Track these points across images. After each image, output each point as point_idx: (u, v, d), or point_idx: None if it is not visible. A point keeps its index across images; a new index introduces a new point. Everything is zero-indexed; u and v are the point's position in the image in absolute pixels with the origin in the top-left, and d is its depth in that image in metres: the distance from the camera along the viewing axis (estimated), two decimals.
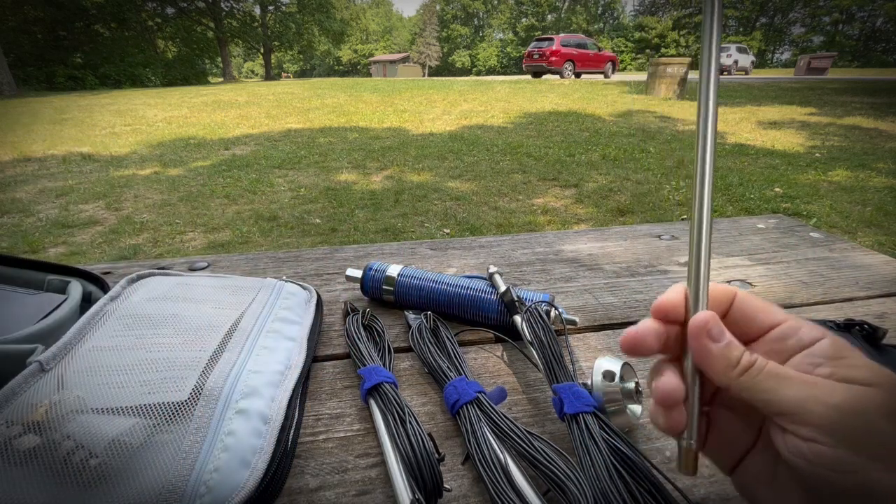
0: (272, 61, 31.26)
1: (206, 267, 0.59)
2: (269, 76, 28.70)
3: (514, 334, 0.42)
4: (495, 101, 8.11)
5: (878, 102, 7.34)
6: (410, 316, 0.45)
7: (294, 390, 0.33)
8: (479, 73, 50.72)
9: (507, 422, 0.30)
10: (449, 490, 0.28)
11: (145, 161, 4.19)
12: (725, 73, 21.26)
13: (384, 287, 0.48)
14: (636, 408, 0.33)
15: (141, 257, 2.30)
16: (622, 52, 46.08)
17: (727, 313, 0.22)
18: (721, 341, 0.20)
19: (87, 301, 0.43)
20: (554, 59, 15.40)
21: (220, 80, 23.48)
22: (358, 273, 0.49)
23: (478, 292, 0.45)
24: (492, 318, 0.45)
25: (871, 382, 0.18)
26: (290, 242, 2.45)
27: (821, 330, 0.20)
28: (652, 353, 0.22)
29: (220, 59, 24.39)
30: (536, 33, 44.75)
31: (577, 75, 16.40)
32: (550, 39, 15.87)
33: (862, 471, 0.17)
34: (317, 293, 0.47)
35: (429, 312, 0.43)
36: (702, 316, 0.21)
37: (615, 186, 3.26)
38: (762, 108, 6.84)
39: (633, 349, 0.22)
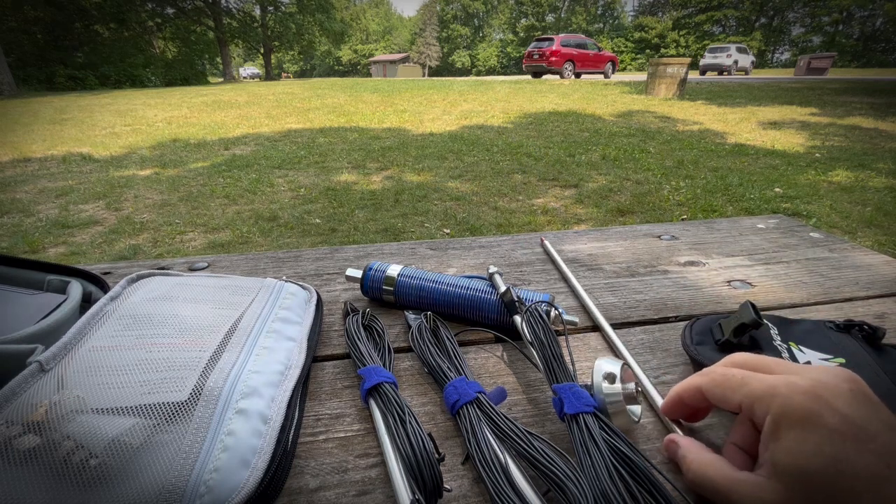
0: (272, 61, 31.25)
1: (206, 267, 0.59)
2: (269, 76, 28.70)
3: (514, 334, 0.42)
4: (495, 101, 8.12)
5: (878, 102, 7.34)
6: (410, 316, 0.45)
7: (294, 390, 0.33)
8: (479, 73, 50.70)
9: (507, 422, 0.30)
10: (449, 490, 0.28)
11: (145, 161, 4.20)
12: (725, 73, 21.27)
13: (384, 287, 0.48)
14: (636, 408, 0.33)
15: (141, 257, 2.30)
16: (622, 52, 46.07)
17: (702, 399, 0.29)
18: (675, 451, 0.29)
19: (87, 301, 0.43)
20: (554, 59, 15.40)
21: (220, 80, 23.48)
22: (358, 273, 0.49)
23: (478, 292, 0.45)
24: (492, 318, 0.45)
25: (778, 473, 0.22)
26: (290, 242, 2.45)
27: (764, 408, 0.24)
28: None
29: (220, 59, 24.39)
30: (536, 33, 44.73)
31: (577, 75, 16.40)
32: (550, 39, 15.87)
33: None
34: (317, 293, 0.47)
35: (429, 312, 0.43)
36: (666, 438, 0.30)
37: (615, 186, 3.26)
38: (762, 108, 6.84)
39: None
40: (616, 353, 0.41)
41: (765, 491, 0.22)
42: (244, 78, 44.55)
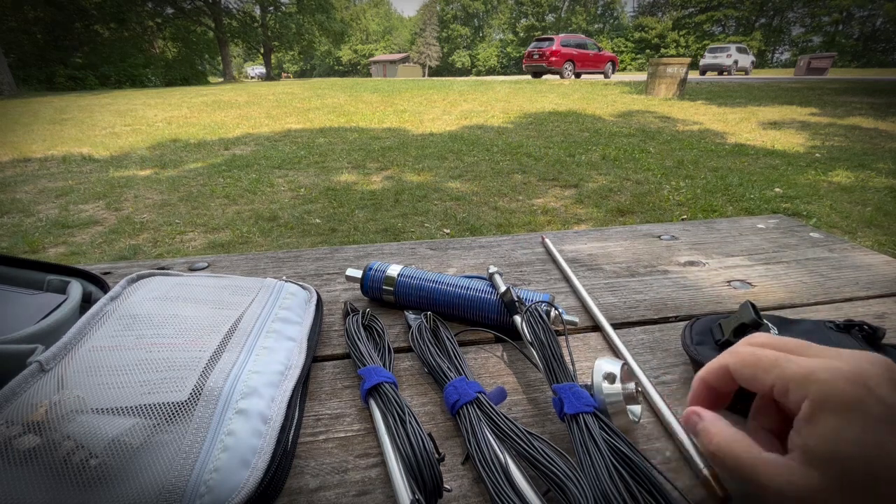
0: (272, 61, 31.28)
1: (206, 267, 0.59)
2: (269, 76, 28.71)
3: (514, 334, 0.42)
4: (495, 101, 8.12)
5: (878, 102, 7.34)
6: (410, 316, 0.45)
7: (294, 390, 0.33)
8: (479, 73, 50.71)
9: (507, 422, 0.30)
10: (449, 490, 0.28)
11: (145, 161, 4.20)
12: (725, 73, 21.27)
13: (384, 287, 0.48)
14: (636, 408, 0.33)
15: (141, 257, 2.30)
16: (622, 52, 46.07)
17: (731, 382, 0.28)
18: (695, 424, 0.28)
19: (87, 301, 0.43)
20: (554, 59, 15.40)
21: (221, 80, 23.49)
22: (358, 273, 0.49)
23: (478, 292, 0.45)
24: (492, 318, 0.45)
25: (813, 459, 0.22)
26: (290, 242, 2.45)
27: (801, 392, 0.23)
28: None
29: (220, 58, 24.39)
30: (536, 33, 44.73)
31: (577, 75, 16.40)
32: (550, 39, 15.88)
33: None
34: (317, 293, 0.47)
35: (429, 312, 0.43)
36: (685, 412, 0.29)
37: (615, 186, 3.26)
38: (762, 108, 6.84)
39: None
40: (616, 353, 0.41)
41: (796, 475, 0.22)
42: (252, 77, 44.70)
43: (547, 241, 0.64)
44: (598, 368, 0.32)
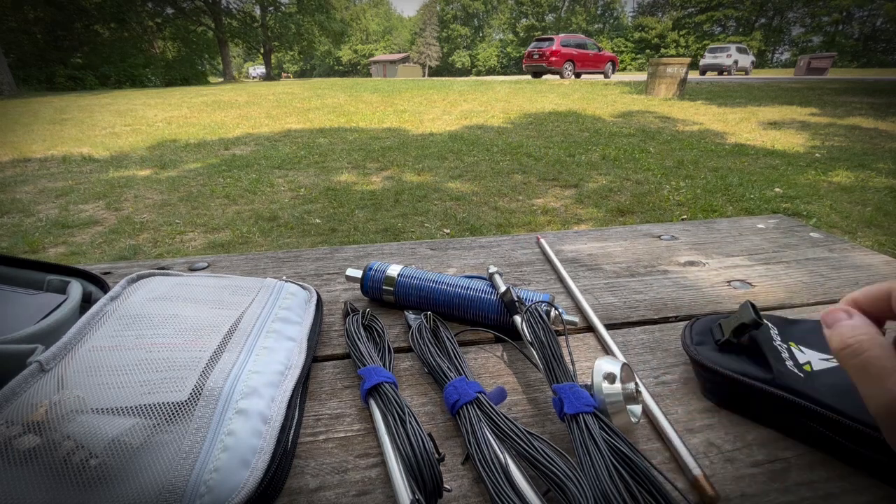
0: (272, 61, 31.29)
1: (206, 267, 0.59)
2: (269, 76, 28.71)
3: (514, 334, 0.42)
4: (495, 101, 8.12)
5: (878, 102, 7.34)
6: (410, 316, 0.45)
7: (294, 390, 0.33)
8: (479, 73, 50.72)
9: (507, 422, 0.30)
10: (449, 490, 0.28)
11: (145, 161, 4.19)
12: (725, 73, 21.27)
13: (384, 287, 0.48)
14: (636, 408, 0.33)
15: (141, 257, 2.30)
16: (622, 52, 46.08)
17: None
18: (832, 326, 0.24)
19: (87, 301, 0.43)
20: (554, 59, 15.40)
21: (220, 80, 23.48)
22: (358, 273, 0.50)
23: (478, 292, 0.45)
24: (492, 318, 0.45)
25: None
26: (290, 242, 2.45)
27: None
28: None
29: (220, 58, 24.39)
30: (536, 33, 44.73)
31: (577, 75, 16.40)
32: (550, 39, 15.88)
33: None
34: (317, 293, 0.47)
35: (429, 312, 0.43)
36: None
37: (615, 186, 3.26)
38: (762, 108, 6.84)
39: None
40: (609, 353, 0.41)
41: None
42: (252, 77, 44.88)
43: (543, 241, 0.64)
44: (598, 368, 0.32)
